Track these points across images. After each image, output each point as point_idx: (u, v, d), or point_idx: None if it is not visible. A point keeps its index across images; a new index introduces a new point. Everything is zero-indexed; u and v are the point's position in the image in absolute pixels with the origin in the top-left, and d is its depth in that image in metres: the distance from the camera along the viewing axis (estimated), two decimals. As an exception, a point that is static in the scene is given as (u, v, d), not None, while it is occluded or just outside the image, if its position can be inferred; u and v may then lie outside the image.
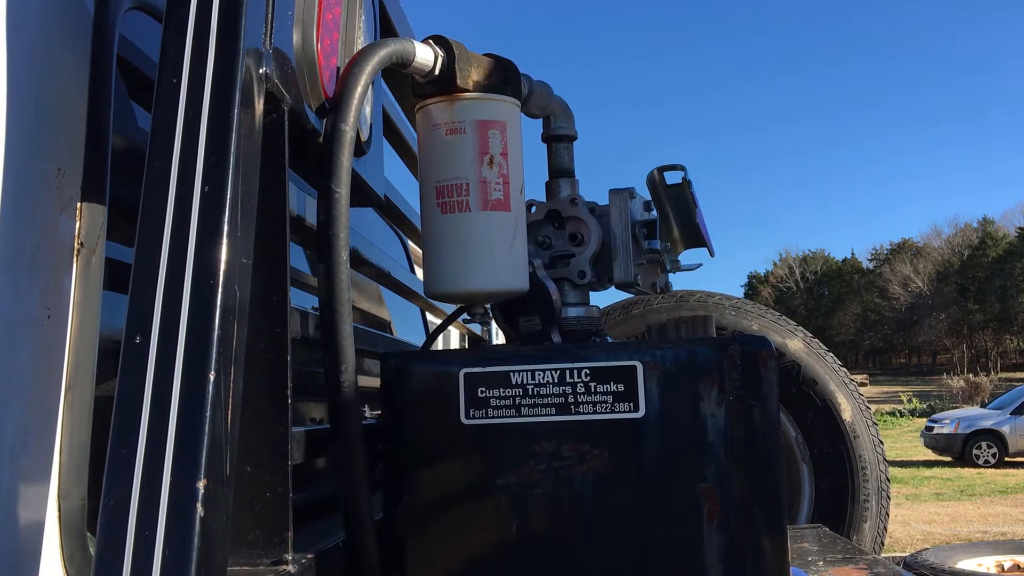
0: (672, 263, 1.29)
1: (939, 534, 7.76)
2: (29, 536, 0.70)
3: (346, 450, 0.88)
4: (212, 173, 0.68)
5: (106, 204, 0.77)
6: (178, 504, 0.61)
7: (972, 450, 14.37)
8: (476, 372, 0.98)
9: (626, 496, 0.95)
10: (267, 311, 0.81)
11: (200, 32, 0.71)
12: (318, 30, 0.93)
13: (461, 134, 1.03)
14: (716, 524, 0.93)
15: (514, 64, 1.09)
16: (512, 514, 0.96)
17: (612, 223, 1.18)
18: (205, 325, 0.65)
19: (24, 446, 0.70)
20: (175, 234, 0.67)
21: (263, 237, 0.80)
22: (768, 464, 0.94)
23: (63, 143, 0.75)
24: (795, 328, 3.24)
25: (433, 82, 1.03)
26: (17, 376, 0.70)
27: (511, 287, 1.06)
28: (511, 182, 1.04)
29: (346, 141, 0.88)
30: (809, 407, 3.20)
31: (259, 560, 0.79)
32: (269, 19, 0.81)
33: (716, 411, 0.93)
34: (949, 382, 32.52)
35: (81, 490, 0.74)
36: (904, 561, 4.72)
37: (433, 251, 1.05)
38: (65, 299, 0.74)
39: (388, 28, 1.45)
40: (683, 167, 1.26)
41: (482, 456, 0.98)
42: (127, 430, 0.62)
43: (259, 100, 0.77)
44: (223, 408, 0.65)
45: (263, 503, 0.79)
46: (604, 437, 0.95)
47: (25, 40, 0.71)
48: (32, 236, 0.71)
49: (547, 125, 1.24)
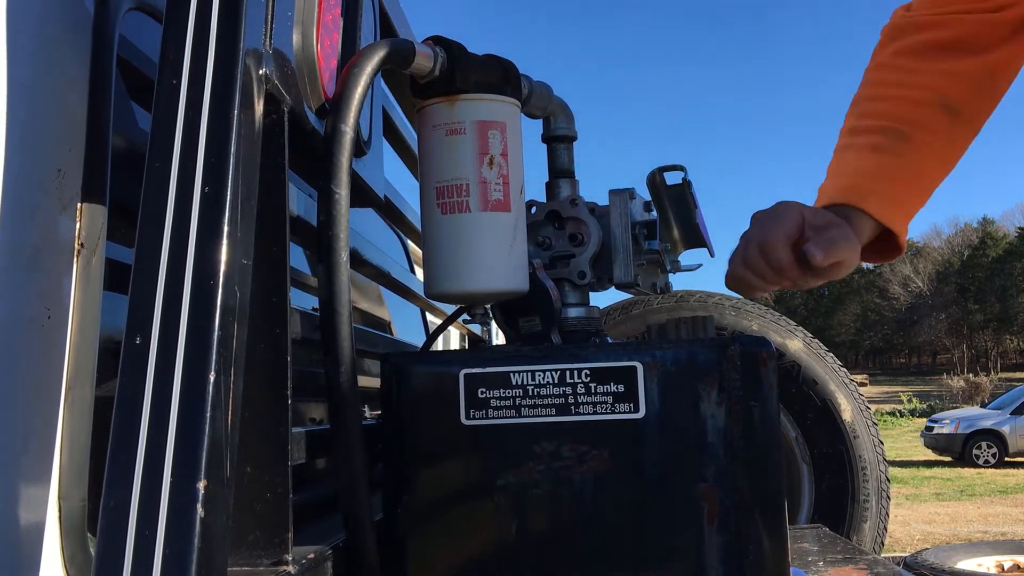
0: (672, 263, 1.29)
1: (939, 534, 7.76)
2: (29, 537, 0.70)
3: (346, 450, 0.88)
4: (212, 174, 0.68)
5: (106, 205, 0.77)
6: (178, 505, 0.61)
7: (972, 450, 14.38)
8: (476, 373, 0.98)
9: (626, 496, 0.95)
10: (267, 311, 0.81)
11: (200, 33, 0.71)
12: (318, 31, 0.93)
13: (461, 135, 1.03)
14: (716, 524, 0.93)
15: (514, 65, 1.09)
16: (512, 514, 0.96)
17: (612, 223, 1.18)
18: (205, 326, 0.65)
19: (24, 446, 0.70)
20: (175, 235, 0.67)
21: (263, 238, 0.80)
22: (768, 464, 0.94)
23: (63, 144, 0.75)
24: (795, 328, 3.24)
25: (433, 83, 1.03)
26: (17, 376, 0.70)
27: (511, 287, 1.06)
28: (511, 183, 1.04)
29: (346, 142, 0.88)
30: (809, 407, 3.20)
31: (259, 560, 0.79)
32: (269, 20, 0.81)
33: (716, 411, 0.93)
34: (949, 382, 32.55)
35: (81, 491, 0.74)
36: (904, 561, 4.73)
37: (433, 251, 1.05)
38: (65, 299, 0.74)
39: (388, 28, 1.45)
40: (683, 167, 1.26)
41: (482, 457, 0.98)
42: (127, 431, 0.62)
43: (259, 101, 0.77)
44: (223, 409, 0.65)
45: (263, 504, 0.79)
46: (604, 437, 0.95)
47: (25, 40, 0.71)
48: (32, 237, 0.71)
49: (547, 125, 1.24)
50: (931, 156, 1.34)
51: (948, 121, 1.34)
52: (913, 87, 1.36)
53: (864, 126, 1.36)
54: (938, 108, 1.34)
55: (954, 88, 1.35)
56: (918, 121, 1.33)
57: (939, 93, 1.34)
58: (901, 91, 1.36)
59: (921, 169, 1.33)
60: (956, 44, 1.36)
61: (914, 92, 1.35)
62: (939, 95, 1.34)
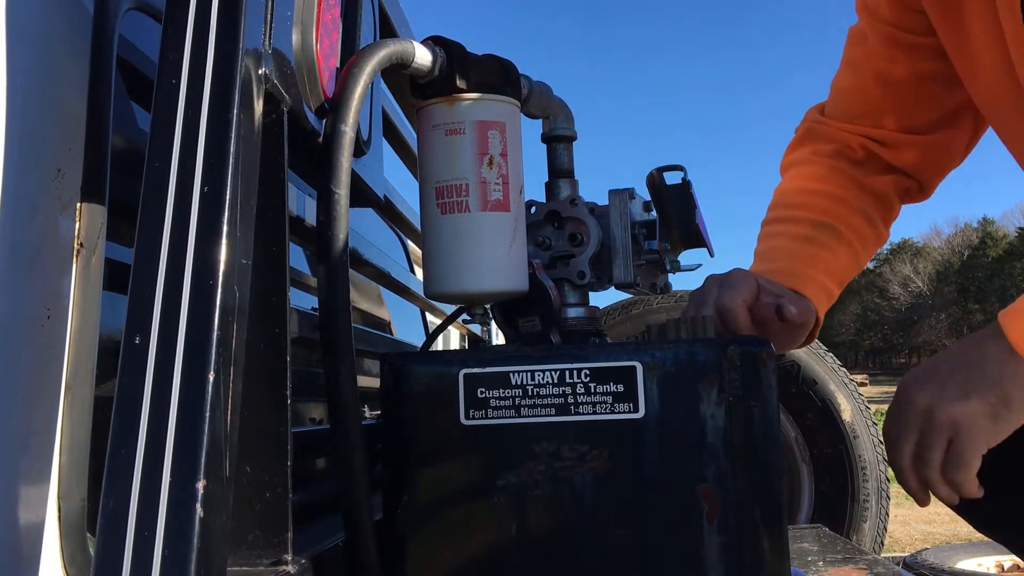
0: (672, 263, 1.29)
1: (939, 534, 7.76)
2: (29, 537, 0.70)
3: (346, 450, 0.88)
4: (211, 173, 0.68)
5: (106, 204, 0.77)
6: (178, 504, 0.61)
7: (972, 450, 14.34)
8: (476, 373, 0.98)
9: (626, 496, 0.95)
10: (267, 311, 0.81)
11: (199, 33, 0.71)
12: (317, 31, 0.93)
13: (460, 135, 1.03)
14: (716, 524, 0.93)
15: (514, 65, 1.09)
16: (512, 514, 0.96)
17: (612, 223, 1.18)
18: (204, 325, 0.65)
19: (24, 446, 0.70)
20: (174, 235, 0.67)
21: (263, 237, 0.80)
22: (768, 464, 0.94)
23: (63, 143, 0.75)
24: (795, 328, 3.24)
25: (432, 83, 1.03)
26: (17, 376, 0.70)
27: (511, 288, 1.06)
28: (511, 182, 1.04)
29: (346, 142, 0.88)
30: (809, 407, 3.20)
31: (259, 560, 0.79)
32: (268, 20, 0.81)
33: (716, 411, 0.93)
34: (949, 382, 32.40)
35: (81, 490, 0.74)
36: (904, 561, 4.72)
37: (433, 251, 1.05)
38: (65, 299, 0.74)
39: (388, 28, 1.45)
40: (683, 167, 1.26)
41: (482, 457, 0.98)
42: (126, 430, 0.62)
43: (258, 101, 0.77)
44: (223, 408, 0.65)
45: (263, 503, 0.79)
46: (604, 438, 0.95)
47: (25, 40, 0.71)
48: (32, 237, 0.71)
49: (547, 125, 1.24)
50: (852, 255, 1.42)
51: (867, 227, 1.44)
52: (836, 189, 1.45)
53: (792, 216, 1.44)
54: (860, 214, 1.43)
55: (867, 201, 1.43)
56: (845, 220, 1.41)
57: (858, 203, 1.44)
58: (827, 187, 1.45)
59: (846, 265, 1.40)
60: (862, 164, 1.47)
61: (839, 192, 1.44)
62: (858, 204, 1.44)
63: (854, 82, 1.49)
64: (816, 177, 1.46)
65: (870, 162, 1.47)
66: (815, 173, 1.46)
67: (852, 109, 1.48)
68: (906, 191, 1.50)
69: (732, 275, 1.25)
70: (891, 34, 1.42)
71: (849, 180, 1.44)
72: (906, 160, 1.46)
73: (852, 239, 1.40)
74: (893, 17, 1.41)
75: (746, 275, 1.25)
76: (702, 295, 1.25)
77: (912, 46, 1.40)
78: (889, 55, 1.43)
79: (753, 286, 1.23)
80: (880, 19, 1.43)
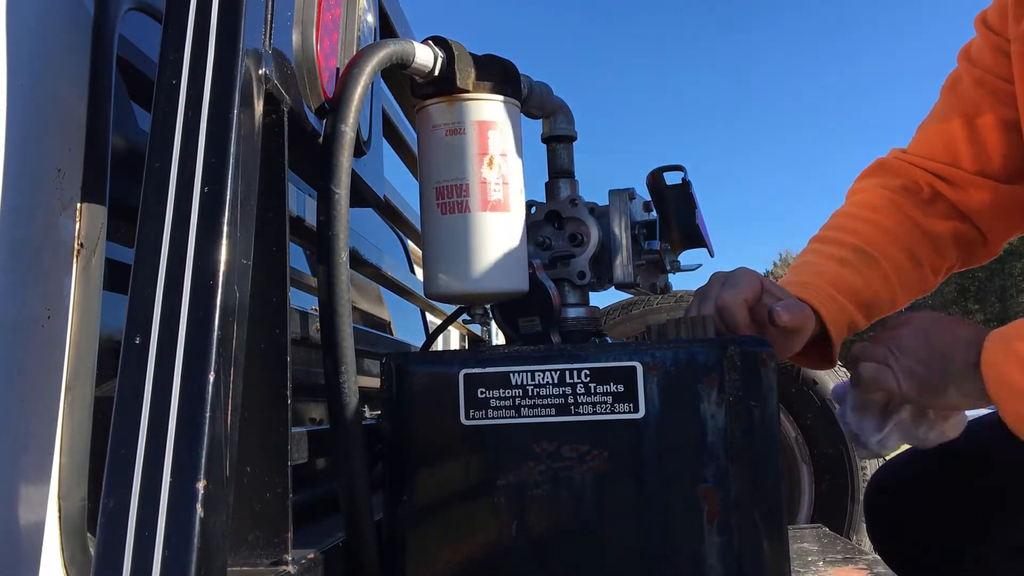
0: (672, 263, 1.29)
1: (939, 534, 7.74)
2: (29, 537, 0.70)
3: (346, 450, 0.88)
4: (212, 174, 0.68)
5: (106, 205, 0.77)
6: (178, 505, 0.61)
7: (972, 450, 14.34)
8: (476, 373, 0.98)
9: (626, 496, 0.95)
10: (267, 311, 0.81)
11: (199, 33, 0.71)
12: (318, 31, 0.93)
13: (460, 135, 1.03)
14: (716, 524, 0.93)
15: (514, 65, 1.09)
16: (512, 514, 0.96)
17: (612, 224, 1.19)
18: (205, 326, 0.65)
19: (24, 446, 0.70)
20: (175, 235, 0.67)
21: (263, 238, 0.80)
22: (768, 464, 0.94)
23: (63, 144, 0.75)
24: (796, 328, 3.24)
25: (432, 83, 1.03)
26: (17, 376, 0.70)
27: (511, 288, 1.06)
28: (511, 183, 1.04)
29: (346, 142, 0.88)
30: (809, 407, 3.20)
31: (259, 560, 0.79)
32: (269, 20, 0.81)
33: (716, 412, 0.93)
34: (949, 382, 32.40)
35: (81, 491, 0.74)
36: (904, 561, 4.71)
37: (433, 252, 1.05)
38: (65, 300, 0.74)
39: (388, 28, 1.45)
40: (683, 167, 1.26)
41: (482, 457, 0.98)
42: (127, 431, 0.62)
43: (258, 101, 0.77)
44: (223, 409, 0.65)
45: (263, 503, 0.79)
46: (604, 438, 0.95)
47: (25, 40, 0.71)
48: (32, 237, 0.71)
49: (547, 125, 1.24)
50: (886, 288, 1.39)
51: (911, 266, 1.42)
52: (887, 220, 1.43)
53: (834, 238, 1.43)
54: (905, 251, 1.41)
55: (919, 241, 1.42)
56: (887, 253, 1.39)
57: (908, 239, 1.42)
58: (878, 218, 1.43)
59: (876, 294, 1.38)
60: (925, 203, 1.45)
61: (888, 224, 1.42)
62: (907, 240, 1.41)
63: (939, 122, 1.47)
64: (871, 207, 1.45)
65: (934, 203, 1.45)
66: (872, 203, 1.45)
67: (931, 147, 1.47)
68: (966, 240, 1.47)
69: (736, 273, 1.25)
70: (983, 78, 1.41)
71: (904, 216, 1.43)
72: (973, 203, 1.44)
73: (889, 272, 1.38)
74: (990, 62, 1.41)
75: (751, 274, 1.25)
76: (705, 291, 1.25)
77: (1001, 91, 1.39)
78: (978, 99, 1.42)
79: (756, 286, 1.22)
80: (977, 64, 1.43)
